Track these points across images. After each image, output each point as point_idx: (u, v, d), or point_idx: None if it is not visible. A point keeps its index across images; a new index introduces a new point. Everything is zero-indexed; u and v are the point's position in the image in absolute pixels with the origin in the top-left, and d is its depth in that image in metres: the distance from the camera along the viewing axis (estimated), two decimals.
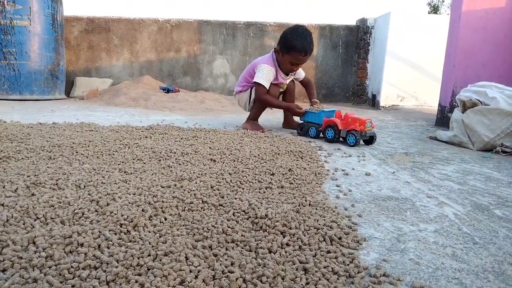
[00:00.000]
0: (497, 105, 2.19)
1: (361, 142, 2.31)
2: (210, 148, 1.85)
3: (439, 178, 1.62)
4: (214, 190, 1.23)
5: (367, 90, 5.14)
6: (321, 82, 5.21)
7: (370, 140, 2.28)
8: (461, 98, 2.41)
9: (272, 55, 2.61)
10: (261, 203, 1.15)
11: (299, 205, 1.16)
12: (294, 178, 1.43)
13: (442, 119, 3.23)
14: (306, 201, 1.20)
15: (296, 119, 2.82)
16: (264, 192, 1.27)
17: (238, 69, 5.10)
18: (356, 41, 5.17)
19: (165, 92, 4.48)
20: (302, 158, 1.80)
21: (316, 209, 1.15)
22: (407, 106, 4.61)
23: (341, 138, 2.31)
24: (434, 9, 22.76)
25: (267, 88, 2.55)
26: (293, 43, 2.41)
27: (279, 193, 1.27)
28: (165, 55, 5.06)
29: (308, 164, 1.68)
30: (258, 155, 1.75)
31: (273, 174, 1.47)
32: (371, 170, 1.70)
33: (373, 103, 4.85)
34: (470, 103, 2.34)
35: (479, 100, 2.31)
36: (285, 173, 1.48)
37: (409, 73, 4.53)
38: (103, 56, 5.01)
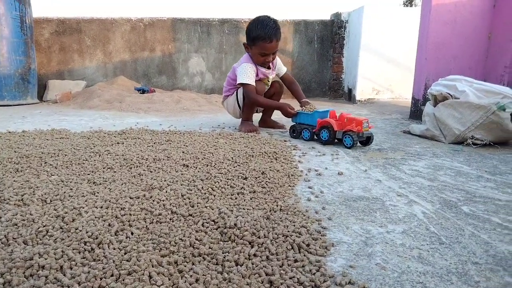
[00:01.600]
0: (467, 99, 2.23)
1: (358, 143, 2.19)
2: (183, 152, 1.83)
3: (410, 174, 1.65)
4: (184, 199, 1.22)
5: (343, 85, 5.17)
6: (298, 77, 5.22)
7: (367, 140, 2.16)
8: (432, 92, 2.45)
9: (247, 54, 2.58)
10: (232, 210, 1.14)
11: (270, 211, 1.16)
12: (266, 181, 1.43)
13: (416, 112, 3.28)
14: (277, 206, 1.20)
15: (285, 119, 2.77)
16: (236, 198, 1.26)
17: (214, 67, 5.07)
18: (331, 36, 5.19)
19: (141, 93, 4.42)
20: (276, 159, 1.80)
21: (287, 213, 1.15)
22: (383, 99, 4.66)
23: (336, 140, 2.21)
24: (410, 1, 23.03)
25: (254, 85, 2.50)
26: (256, 33, 2.37)
27: (251, 199, 1.27)
28: (140, 55, 4.98)
29: (281, 166, 1.68)
30: (232, 158, 1.74)
31: (246, 178, 1.47)
32: (344, 169, 1.71)
33: (350, 97, 4.89)
34: (441, 97, 2.37)
35: (449, 94, 2.34)
36: (258, 177, 1.48)
37: (384, 66, 4.58)
38: (76, 58, 4.90)
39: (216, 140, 2.16)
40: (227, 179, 1.44)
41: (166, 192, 1.27)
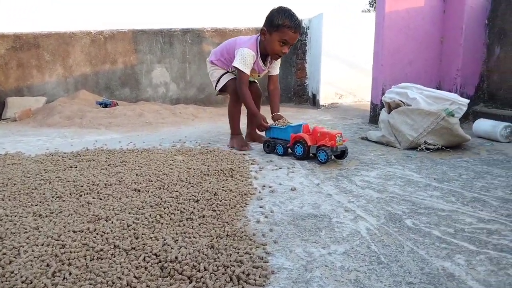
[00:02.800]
0: (418, 106, 2.30)
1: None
2: (136, 175, 1.81)
3: (361, 186, 1.68)
4: (129, 230, 1.21)
5: (307, 90, 5.23)
6: (264, 84, 5.24)
7: (341, 154, 2.10)
8: (386, 99, 2.51)
9: (255, 39, 2.42)
10: (177, 240, 1.14)
11: (216, 237, 1.16)
12: (217, 204, 1.43)
13: (375, 116, 3.35)
14: (224, 231, 1.20)
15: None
16: (183, 225, 1.26)
17: (178, 77, 5.04)
18: None
19: (103, 107, 4.34)
20: (232, 177, 1.81)
21: (233, 239, 1.16)
22: (346, 104, 4.74)
23: (311, 154, 2.16)
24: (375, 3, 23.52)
25: (248, 75, 2.39)
26: (282, 20, 2.26)
27: (199, 225, 1.27)
28: (101, 68, 4.90)
29: (236, 184, 1.69)
30: (186, 178, 1.74)
31: (197, 201, 1.47)
32: (297, 184, 1.74)
33: (314, 102, 4.95)
34: (394, 104, 2.44)
35: (402, 101, 2.41)
36: (210, 198, 1.48)
37: (346, 71, 4.66)
38: (35, 74, 4.78)
39: (174, 158, 2.15)
40: (178, 203, 1.44)
41: (112, 222, 1.26)
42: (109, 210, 1.37)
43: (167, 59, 5.00)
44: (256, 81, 2.77)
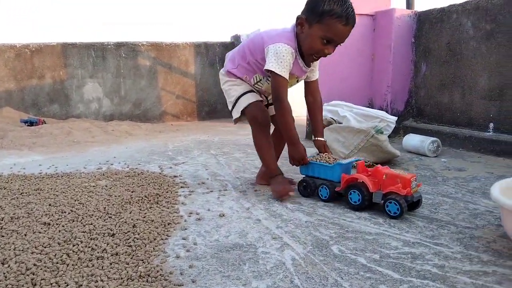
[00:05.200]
0: (348, 123, 2.32)
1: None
2: (49, 205, 1.64)
3: (291, 209, 1.63)
4: (28, 274, 1.06)
5: None
6: (203, 99, 5.16)
7: (416, 203, 1.57)
8: None
9: (292, 31, 1.72)
10: (81, 285, 1.01)
11: (127, 279, 1.05)
12: (135, 238, 1.31)
13: (311, 132, 3.37)
14: (137, 272, 1.09)
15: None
16: (92, 266, 1.13)
17: (112, 92, 4.82)
18: None
19: (28, 125, 4.04)
20: (157, 203, 1.70)
21: (146, 280, 1.05)
22: None
23: (375, 202, 1.59)
24: None
25: (287, 79, 1.71)
26: (328, 6, 1.56)
27: (110, 264, 1.14)
28: (27, 83, 4.57)
29: (160, 212, 1.57)
30: (105, 208, 1.60)
31: (113, 235, 1.34)
32: (227, 209, 1.66)
33: None
34: (326, 122, 2.45)
35: (333, 119, 2.42)
36: (127, 232, 1.36)
37: None
38: None
39: (96, 183, 2.00)
40: (90, 238, 1.30)
41: (9, 266, 1.10)
42: (9, 250, 1.21)
43: (100, 74, 4.77)
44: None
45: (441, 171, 2.22)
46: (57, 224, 1.44)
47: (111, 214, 1.54)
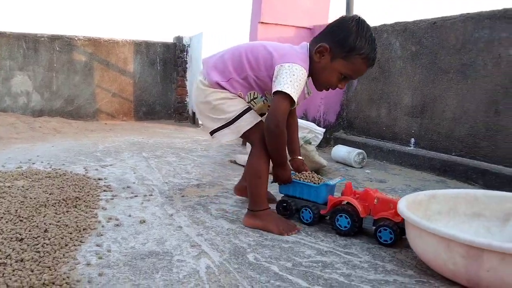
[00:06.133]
0: None
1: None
2: None
3: (215, 216, 1.64)
4: None
5: (187, 108, 5.16)
6: (141, 99, 5.04)
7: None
8: None
9: (305, 52, 1.53)
10: None
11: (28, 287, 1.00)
12: (44, 243, 1.25)
13: None
14: (41, 280, 1.04)
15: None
16: None
17: (43, 86, 4.56)
18: (174, 59, 5.15)
19: None
20: (75, 207, 1.63)
21: None
22: None
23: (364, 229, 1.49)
24: None
25: (296, 104, 1.53)
26: (360, 43, 1.44)
27: (13, 271, 1.08)
28: None
29: (77, 217, 1.51)
30: (17, 211, 1.51)
31: (21, 240, 1.27)
32: (149, 215, 1.63)
33: (194, 120, 4.89)
34: None
35: None
36: (38, 237, 1.30)
37: None
38: None
39: (12, 183, 1.88)
40: None
41: None
42: None
43: (31, 67, 4.51)
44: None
45: (363, 181, 2.33)
46: None
47: (22, 217, 1.45)
